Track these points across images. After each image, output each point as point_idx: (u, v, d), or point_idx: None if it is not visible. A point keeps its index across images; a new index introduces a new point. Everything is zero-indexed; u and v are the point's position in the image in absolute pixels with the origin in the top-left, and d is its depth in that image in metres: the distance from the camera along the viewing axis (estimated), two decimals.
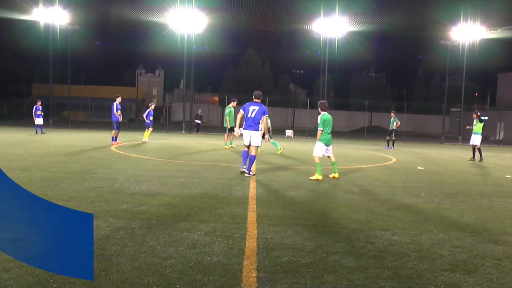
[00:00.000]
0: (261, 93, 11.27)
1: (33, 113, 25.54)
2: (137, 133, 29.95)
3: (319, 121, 10.69)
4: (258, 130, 10.73)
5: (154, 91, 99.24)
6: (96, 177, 9.45)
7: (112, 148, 17.20)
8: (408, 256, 4.79)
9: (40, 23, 39.72)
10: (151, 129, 21.70)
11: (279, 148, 17.87)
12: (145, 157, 14.24)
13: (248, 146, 10.87)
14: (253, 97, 11.02)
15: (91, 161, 12.51)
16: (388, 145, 25.11)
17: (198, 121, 38.24)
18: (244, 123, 11.04)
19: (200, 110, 39.93)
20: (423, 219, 6.71)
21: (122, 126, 18.72)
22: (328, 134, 10.68)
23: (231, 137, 19.53)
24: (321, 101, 11.16)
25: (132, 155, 14.75)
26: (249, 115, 10.80)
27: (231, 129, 18.80)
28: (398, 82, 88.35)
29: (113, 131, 19.24)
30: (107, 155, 14.37)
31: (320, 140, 10.65)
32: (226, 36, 62.57)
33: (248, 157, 10.83)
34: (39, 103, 25.85)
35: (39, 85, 68.67)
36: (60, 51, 45.17)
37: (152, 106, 22.07)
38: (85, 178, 9.25)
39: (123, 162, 12.59)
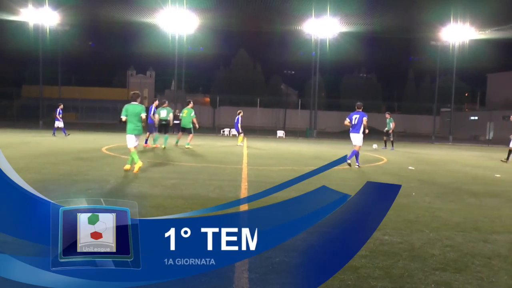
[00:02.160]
0: (361, 104, 14.12)
1: (56, 116, 25.79)
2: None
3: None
4: (358, 133, 13.72)
5: (145, 92, 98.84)
6: (87, 179, 9.41)
7: (103, 149, 17.12)
8: (399, 256, 4.82)
9: (30, 24, 39.46)
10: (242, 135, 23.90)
11: (164, 144, 18.04)
12: None
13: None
14: (356, 107, 14.02)
15: (82, 163, 12.44)
16: (385, 146, 25.14)
17: (177, 122, 37.95)
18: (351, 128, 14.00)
19: (177, 110, 39.61)
20: (414, 218, 6.74)
21: (112, 128, 19.07)
22: (134, 123, 10.76)
23: (189, 139, 19.54)
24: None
25: (123, 156, 14.69)
26: (353, 122, 13.85)
27: (184, 129, 19.38)
28: (389, 83, 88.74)
29: (154, 134, 19.23)
30: (98, 157, 14.30)
31: (128, 132, 10.82)
32: (217, 37, 62.41)
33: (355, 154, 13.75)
34: (61, 106, 26.08)
35: (28, 87, 68.03)
36: (50, 52, 44.93)
37: (241, 114, 23.81)
38: (76, 180, 9.21)
39: (114, 163, 12.54)
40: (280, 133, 42.00)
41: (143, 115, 10.86)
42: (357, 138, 13.86)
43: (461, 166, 16.41)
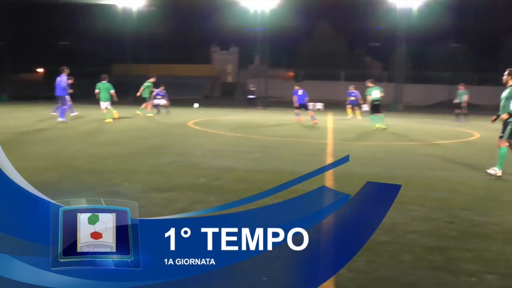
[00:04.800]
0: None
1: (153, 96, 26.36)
2: (215, 110, 30.56)
3: None
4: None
5: (229, 68, 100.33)
6: (173, 152, 9.77)
7: (190, 124, 17.67)
8: (493, 239, 4.52)
9: (119, 7, 41.60)
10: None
11: (375, 124, 17.54)
12: (220, 132, 14.51)
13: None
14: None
15: (168, 137, 12.94)
16: (456, 119, 24.10)
17: (252, 96, 38.31)
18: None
19: (251, 85, 40.09)
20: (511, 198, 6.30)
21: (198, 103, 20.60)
22: (105, 95, 17.53)
23: (143, 106, 22.85)
24: None
25: (210, 130, 15.07)
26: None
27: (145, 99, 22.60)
28: (481, 53, 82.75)
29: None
30: (184, 131, 14.79)
31: (102, 100, 17.61)
32: (299, 10, 61.41)
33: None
34: (162, 87, 26.59)
35: (118, 66, 71.08)
36: (137, 32, 46.90)
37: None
38: (162, 153, 9.59)
39: (199, 137, 12.92)
40: (365, 107, 40.89)
41: (112, 91, 17.72)
42: None
43: None
